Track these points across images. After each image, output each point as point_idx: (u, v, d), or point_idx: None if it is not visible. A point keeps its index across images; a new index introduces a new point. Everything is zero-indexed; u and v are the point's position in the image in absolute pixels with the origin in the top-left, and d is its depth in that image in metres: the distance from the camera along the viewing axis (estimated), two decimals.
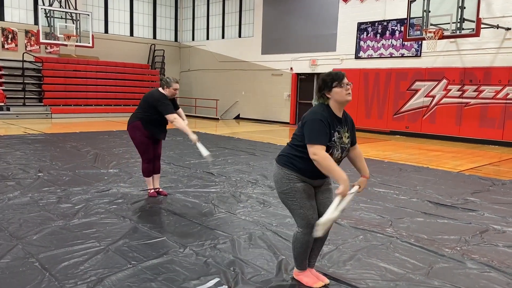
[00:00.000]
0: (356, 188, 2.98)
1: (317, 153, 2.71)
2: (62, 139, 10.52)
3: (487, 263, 3.62)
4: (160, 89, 5.25)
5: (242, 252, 3.70)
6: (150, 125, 5.21)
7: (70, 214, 4.59)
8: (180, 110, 5.51)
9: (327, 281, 3.17)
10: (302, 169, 2.88)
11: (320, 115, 2.79)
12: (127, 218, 4.53)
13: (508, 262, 3.65)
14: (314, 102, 2.96)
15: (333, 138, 2.81)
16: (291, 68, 17.74)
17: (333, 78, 2.83)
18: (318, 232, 2.72)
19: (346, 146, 2.92)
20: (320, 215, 2.92)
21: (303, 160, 2.85)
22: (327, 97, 2.86)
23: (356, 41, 15.51)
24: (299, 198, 2.90)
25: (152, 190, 5.47)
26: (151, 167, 5.42)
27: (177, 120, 5.08)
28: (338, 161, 2.90)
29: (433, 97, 13.58)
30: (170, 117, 5.10)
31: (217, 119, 19.88)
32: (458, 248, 3.94)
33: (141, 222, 4.41)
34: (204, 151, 5.03)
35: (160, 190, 5.63)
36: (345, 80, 2.84)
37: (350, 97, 2.85)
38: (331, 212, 2.69)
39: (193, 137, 5.04)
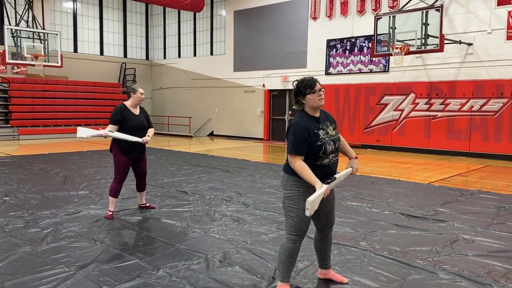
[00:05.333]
0: (349, 170, 3.29)
1: (293, 162, 3.00)
2: (30, 161, 10.23)
3: (457, 272, 3.69)
4: (126, 102, 5.36)
5: (216, 271, 3.65)
6: (121, 142, 5.21)
7: (38, 239, 4.44)
8: (151, 129, 5.50)
9: (346, 280, 3.47)
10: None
11: (300, 128, 3.01)
12: (98, 241, 4.41)
13: (477, 271, 3.73)
14: (294, 106, 3.23)
15: (320, 137, 3.05)
16: (264, 85, 17.90)
17: (306, 86, 3.07)
18: (307, 212, 2.88)
19: (335, 137, 3.17)
20: (325, 224, 3.29)
21: None
22: (302, 103, 3.11)
23: (326, 57, 15.82)
24: (299, 208, 3.04)
25: (110, 213, 5.34)
26: (119, 189, 5.38)
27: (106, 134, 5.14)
28: (336, 151, 3.17)
29: (402, 110, 13.93)
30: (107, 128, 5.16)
31: (191, 136, 19.79)
32: (430, 259, 4.00)
33: (112, 245, 4.31)
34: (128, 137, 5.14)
35: (147, 205, 5.80)
36: (317, 87, 3.08)
37: (322, 102, 3.10)
38: (318, 193, 2.91)
39: (103, 132, 5.15)
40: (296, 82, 3.16)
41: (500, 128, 12.09)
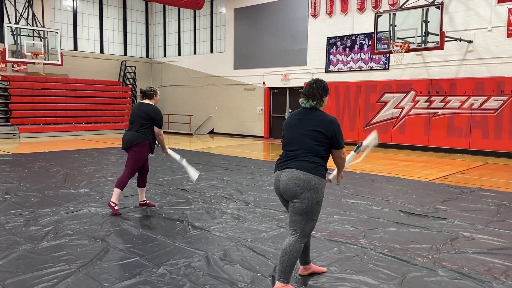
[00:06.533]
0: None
1: (344, 154, 3.32)
2: (30, 159, 10.23)
3: (457, 270, 3.70)
4: (147, 101, 5.49)
5: (217, 269, 3.66)
6: (154, 142, 5.45)
7: (39, 237, 4.45)
8: None
9: (325, 269, 3.64)
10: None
11: None
12: (98, 239, 4.42)
13: (477, 269, 3.74)
14: (311, 104, 3.21)
15: None
16: (264, 83, 17.89)
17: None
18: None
19: None
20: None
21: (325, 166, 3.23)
22: (322, 101, 3.27)
23: (326, 55, 15.80)
24: (320, 208, 3.18)
25: (117, 207, 5.39)
26: (127, 183, 5.44)
27: (163, 135, 5.51)
28: None
29: (402, 108, 13.92)
30: (161, 131, 5.47)
31: (191, 134, 19.79)
32: (430, 257, 4.01)
33: (113, 243, 4.31)
34: (192, 172, 5.46)
35: (148, 202, 5.85)
36: None
37: None
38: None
39: (168, 151, 5.56)
40: (318, 80, 3.27)
41: (500, 125, 12.09)
